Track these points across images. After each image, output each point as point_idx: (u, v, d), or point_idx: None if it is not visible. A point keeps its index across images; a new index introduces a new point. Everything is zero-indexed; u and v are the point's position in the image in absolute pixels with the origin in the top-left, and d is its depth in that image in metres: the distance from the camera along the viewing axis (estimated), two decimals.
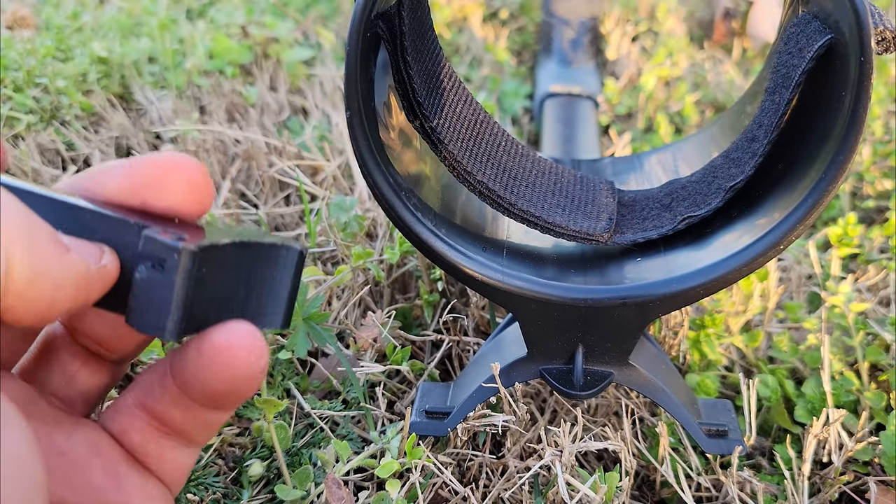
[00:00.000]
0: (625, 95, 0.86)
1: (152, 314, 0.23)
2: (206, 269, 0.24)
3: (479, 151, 0.41)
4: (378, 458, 0.44)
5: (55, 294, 0.21)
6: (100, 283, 0.23)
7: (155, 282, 0.23)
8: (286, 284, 0.27)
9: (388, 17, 0.36)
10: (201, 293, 0.24)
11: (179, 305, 0.23)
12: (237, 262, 0.25)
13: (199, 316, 0.24)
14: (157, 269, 0.23)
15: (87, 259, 0.23)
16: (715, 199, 0.39)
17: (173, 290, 0.23)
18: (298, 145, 0.71)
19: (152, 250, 0.23)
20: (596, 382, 0.39)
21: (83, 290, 0.22)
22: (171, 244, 0.23)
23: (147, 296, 0.23)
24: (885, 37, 0.32)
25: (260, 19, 0.93)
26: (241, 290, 0.26)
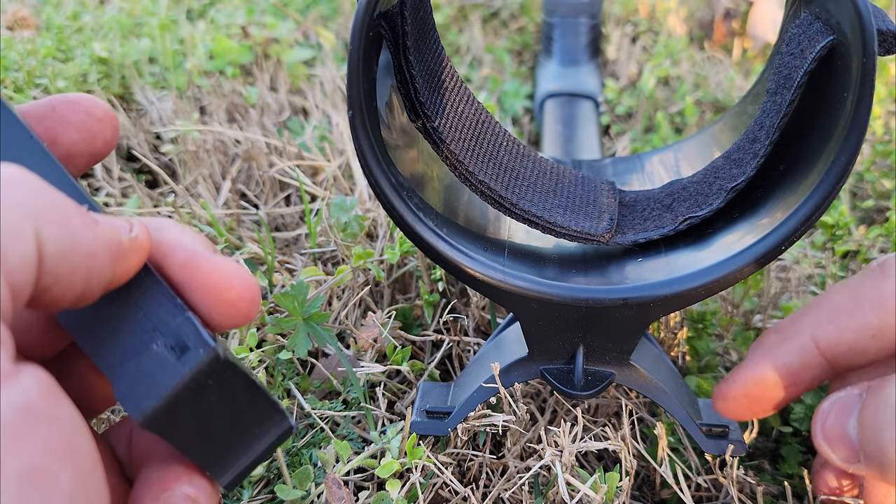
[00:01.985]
0: (625, 95, 0.86)
1: (140, 390, 0.22)
2: (212, 381, 0.23)
3: (480, 151, 0.41)
4: (378, 459, 0.44)
5: (90, 266, 0.21)
6: (135, 255, 0.23)
7: (164, 363, 0.22)
8: (258, 448, 0.26)
9: (391, 17, 0.36)
10: (191, 400, 0.23)
11: (168, 399, 0.22)
12: (237, 395, 0.24)
13: (174, 420, 0.23)
14: (174, 352, 0.22)
15: (117, 229, 0.22)
16: (716, 199, 0.39)
17: (176, 380, 0.22)
18: (299, 145, 0.71)
19: (183, 333, 0.22)
20: (596, 382, 0.40)
21: (119, 262, 0.22)
22: (206, 338, 0.22)
23: (146, 370, 0.22)
24: (886, 38, 0.32)
25: (260, 20, 0.93)
26: (221, 424, 0.24)
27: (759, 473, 0.47)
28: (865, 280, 0.35)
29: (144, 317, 0.23)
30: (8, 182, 0.20)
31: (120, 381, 0.22)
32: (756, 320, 0.55)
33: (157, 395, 0.22)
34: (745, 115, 0.44)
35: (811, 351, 0.35)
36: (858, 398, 0.33)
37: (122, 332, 0.23)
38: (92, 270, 0.21)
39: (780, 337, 0.37)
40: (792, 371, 0.36)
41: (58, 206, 0.21)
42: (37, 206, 0.20)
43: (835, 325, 0.35)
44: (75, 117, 0.26)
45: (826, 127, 0.34)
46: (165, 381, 0.22)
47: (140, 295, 0.23)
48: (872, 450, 0.30)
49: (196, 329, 0.22)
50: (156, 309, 0.23)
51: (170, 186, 0.65)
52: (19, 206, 0.20)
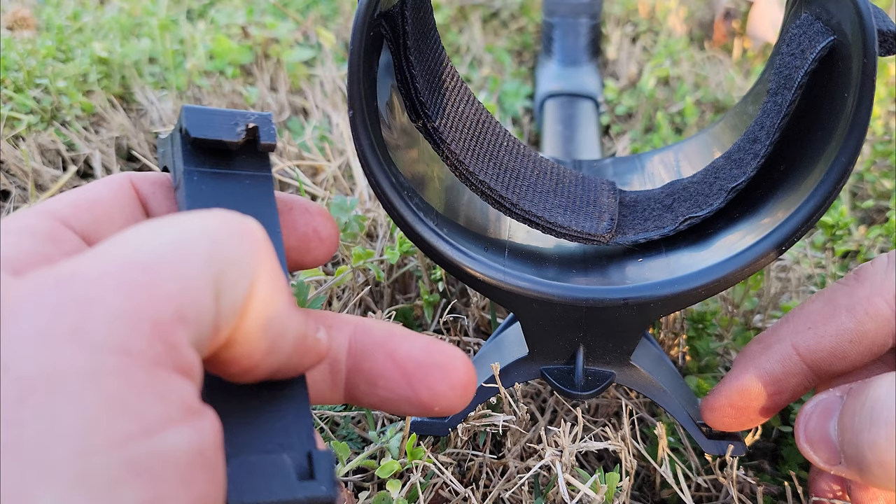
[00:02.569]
0: (625, 95, 0.86)
1: (250, 483, 0.21)
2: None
3: (481, 151, 0.41)
4: (378, 459, 0.44)
5: (277, 342, 0.21)
6: (312, 357, 0.23)
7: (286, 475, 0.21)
8: None
9: (392, 17, 0.36)
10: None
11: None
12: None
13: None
14: (298, 473, 0.21)
15: (308, 322, 0.22)
16: (717, 199, 0.39)
17: (287, 497, 0.21)
18: (299, 146, 0.71)
19: (316, 462, 0.22)
20: (597, 382, 0.40)
21: (298, 354, 0.22)
22: (335, 481, 0.22)
23: (266, 470, 0.21)
24: (887, 38, 0.32)
25: (260, 20, 0.93)
26: None
27: (758, 473, 0.47)
28: (841, 287, 0.36)
29: (284, 427, 0.23)
30: (248, 227, 0.21)
31: (236, 464, 0.21)
32: (756, 320, 0.55)
33: (262, 499, 0.21)
34: (746, 115, 0.44)
35: (792, 358, 0.36)
36: (840, 400, 0.33)
37: (257, 427, 0.23)
38: (275, 347, 0.21)
39: (762, 346, 0.37)
40: (775, 379, 0.36)
41: (276, 273, 0.21)
42: (263, 263, 0.20)
43: (813, 331, 0.35)
44: (304, 229, 0.27)
45: (826, 127, 0.34)
46: (278, 491, 0.21)
47: (284, 398, 0.23)
48: (851, 452, 0.30)
49: (331, 467, 0.22)
50: (295, 421, 0.23)
51: None
52: (248, 252, 0.20)
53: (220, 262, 0.19)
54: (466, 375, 0.26)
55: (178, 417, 0.18)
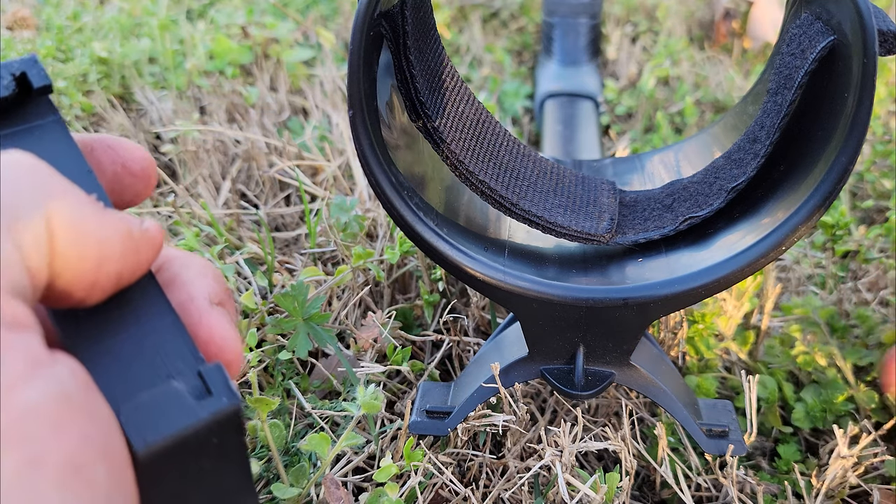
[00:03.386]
0: (625, 95, 0.86)
1: (150, 421, 0.20)
2: (216, 440, 0.21)
3: (481, 151, 0.41)
4: (377, 461, 0.44)
5: (101, 252, 0.20)
6: (146, 249, 0.22)
7: (182, 401, 0.21)
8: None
9: (392, 17, 0.36)
10: (191, 454, 0.21)
11: (176, 440, 0.20)
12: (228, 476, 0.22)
13: (165, 470, 0.21)
14: (194, 395, 0.21)
15: (127, 220, 0.22)
16: (717, 199, 0.39)
17: (190, 422, 0.20)
18: (299, 146, 0.71)
19: (209, 378, 0.21)
20: (597, 382, 0.40)
21: (131, 252, 0.21)
22: (234, 391, 0.21)
23: (160, 404, 0.20)
24: (887, 38, 0.32)
25: (260, 20, 0.93)
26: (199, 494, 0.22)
27: (758, 473, 0.47)
28: None
29: (156, 344, 0.22)
30: (17, 165, 0.20)
31: (129, 408, 0.20)
32: (756, 320, 0.55)
33: (167, 433, 0.20)
34: (746, 115, 0.44)
35: None
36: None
37: (130, 354, 0.22)
38: (102, 257, 0.21)
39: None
40: None
41: (67, 191, 0.20)
42: (47, 188, 0.20)
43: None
44: (110, 167, 0.26)
45: (826, 127, 0.34)
46: (180, 419, 0.20)
47: (149, 314, 0.23)
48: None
49: (225, 378, 0.21)
50: (170, 338, 0.22)
51: (170, 186, 0.65)
52: (29, 187, 0.20)
53: (5, 209, 0.19)
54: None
55: (27, 372, 0.17)
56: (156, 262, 0.24)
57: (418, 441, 0.45)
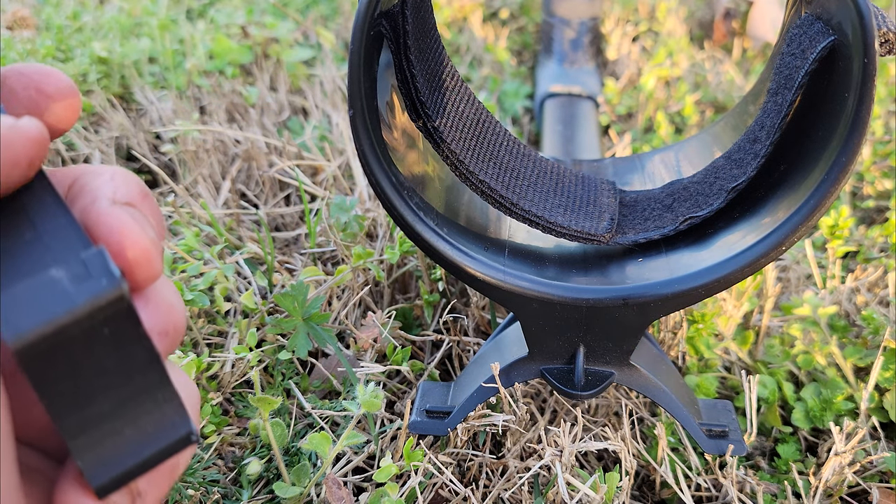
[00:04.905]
0: (625, 95, 0.86)
1: (23, 311, 0.19)
2: (108, 330, 0.20)
3: (481, 151, 0.41)
4: (377, 461, 0.44)
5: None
6: (21, 147, 0.21)
7: (58, 287, 0.19)
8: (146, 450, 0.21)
9: (392, 16, 0.36)
10: (80, 345, 0.19)
11: (54, 329, 0.19)
12: (134, 368, 0.21)
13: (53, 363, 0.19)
14: (74, 282, 0.19)
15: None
16: (717, 199, 0.39)
17: (67, 308, 0.19)
18: (299, 145, 0.71)
19: (89, 262, 0.19)
20: (597, 382, 0.40)
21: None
22: (114, 271, 0.19)
23: (36, 293, 0.19)
24: (887, 38, 0.32)
25: (260, 20, 0.93)
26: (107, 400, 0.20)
27: (758, 473, 0.47)
28: None
29: (43, 241, 0.20)
30: None
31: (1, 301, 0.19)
32: (756, 320, 0.55)
33: (41, 320, 0.18)
34: (746, 115, 0.44)
35: None
36: None
37: (13, 252, 0.20)
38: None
39: None
40: None
41: None
42: None
43: None
44: (24, 93, 0.24)
45: (827, 127, 0.34)
46: (55, 306, 0.19)
47: (41, 216, 0.21)
48: None
49: (105, 260, 0.19)
50: (59, 234, 0.21)
51: (169, 186, 0.65)
52: None
53: None
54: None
55: None
56: (68, 177, 0.23)
57: (418, 441, 0.45)
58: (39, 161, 0.22)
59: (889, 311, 0.55)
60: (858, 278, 0.59)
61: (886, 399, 0.48)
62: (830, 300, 0.57)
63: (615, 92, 0.84)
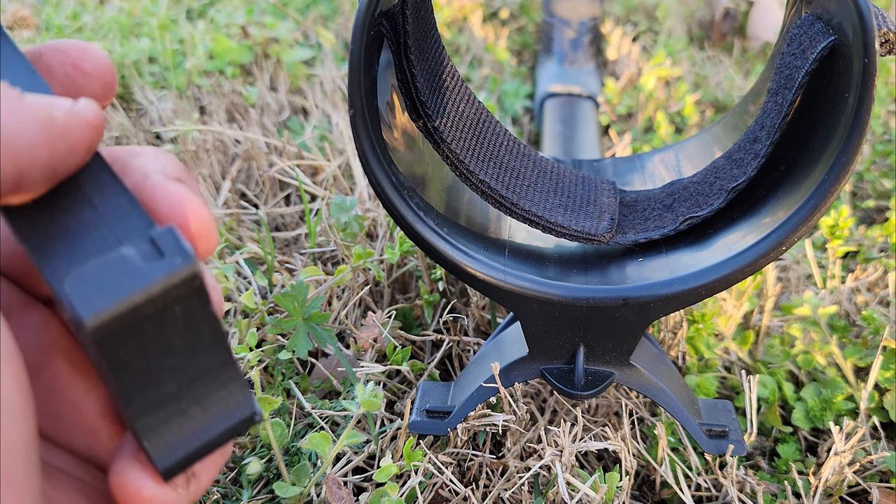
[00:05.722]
0: (625, 95, 0.86)
1: (96, 290, 0.18)
2: (179, 309, 0.19)
3: (481, 151, 0.41)
4: (377, 461, 0.44)
5: (15, 145, 0.19)
6: (77, 134, 0.20)
7: (131, 265, 0.19)
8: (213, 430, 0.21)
9: (392, 16, 0.36)
10: (151, 325, 0.19)
11: (129, 308, 0.18)
12: (202, 348, 0.20)
13: (124, 344, 0.19)
14: (146, 259, 0.19)
15: (47, 104, 0.20)
16: (717, 199, 0.39)
17: (142, 286, 0.18)
18: (299, 145, 0.71)
19: (160, 240, 0.19)
20: (597, 382, 0.40)
21: (57, 141, 0.20)
22: (187, 248, 0.19)
23: (108, 272, 0.19)
24: (888, 38, 0.32)
25: (260, 20, 0.93)
26: (175, 381, 0.20)
27: (758, 472, 0.47)
28: None
29: (105, 220, 0.20)
30: None
31: (71, 280, 0.18)
32: (756, 320, 0.55)
33: (117, 299, 0.18)
34: (747, 114, 0.44)
35: None
36: None
37: (76, 232, 0.20)
38: (20, 150, 0.19)
39: None
40: None
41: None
42: None
43: None
44: (60, 69, 0.23)
45: (827, 127, 0.34)
46: (129, 284, 0.18)
47: (100, 195, 0.21)
48: None
49: (177, 238, 0.19)
50: (120, 213, 0.20)
51: None
52: None
53: None
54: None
55: None
56: (106, 159, 0.23)
57: (418, 441, 0.45)
58: (97, 145, 0.21)
59: (889, 311, 0.55)
60: (858, 278, 0.58)
61: (886, 399, 0.48)
62: (830, 300, 0.57)
63: (615, 92, 0.84)
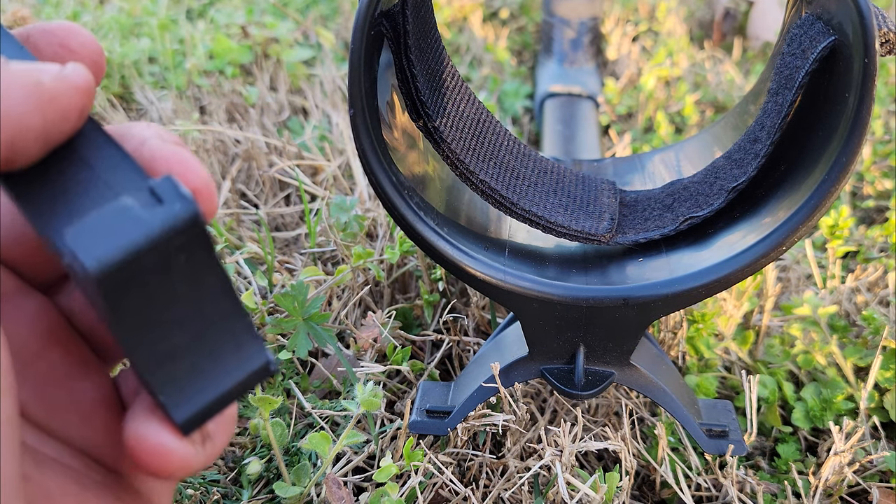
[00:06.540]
0: (625, 95, 0.86)
1: (98, 240, 0.18)
2: (184, 258, 0.19)
3: (481, 151, 0.41)
4: (377, 461, 0.44)
5: (5, 113, 0.18)
6: (67, 98, 0.20)
7: (131, 214, 0.18)
8: (226, 382, 0.21)
9: (392, 16, 0.36)
10: (155, 274, 0.19)
11: (132, 256, 0.18)
12: (209, 298, 0.20)
13: (130, 295, 0.19)
14: (146, 207, 0.19)
15: (34, 71, 0.20)
16: (717, 199, 0.39)
17: (144, 233, 0.18)
18: (299, 145, 0.71)
19: (159, 189, 0.19)
20: (597, 382, 0.40)
21: (47, 107, 0.19)
22: (186, 194, 0.19)
23: (107, 222, 0.18)
24: (888, 38, 0.32)
25: (260, 19, 0.93)
26: (184, 332, 0.20)
27: (758, 472, 0.47)
28: None
29: (102, 178, 0.20)
30: None
31: (72, 232, 0.18)
32: (756, 320, 0.55)
33: (120, 246, 0.18)
34: (747, 114, 0.44)
35: None
36: None
37: (73, 191, 0.20)
38: (10, 118, 0.19)
39: None
40: None
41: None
42: None
43: None
44: (48, 49, 0.23)
45: (827, 127, 0.34)
46: (131, 231, 0.18)
47: (94, 155, 0.21)
48: None
49: (175, 185, 0.19)
50: (116, 170, 0.20)
51: None
52: None
53: None
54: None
55: None
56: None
57: (418, 441, 0.45)
58: (89, 109, 0.21)
59: (889, 311, 0.55)
60: (858, 278, 0.58)
61: (886, 399, 0.48)
62: (830, 300, 0.57)
63: (615, 92, 0.84)
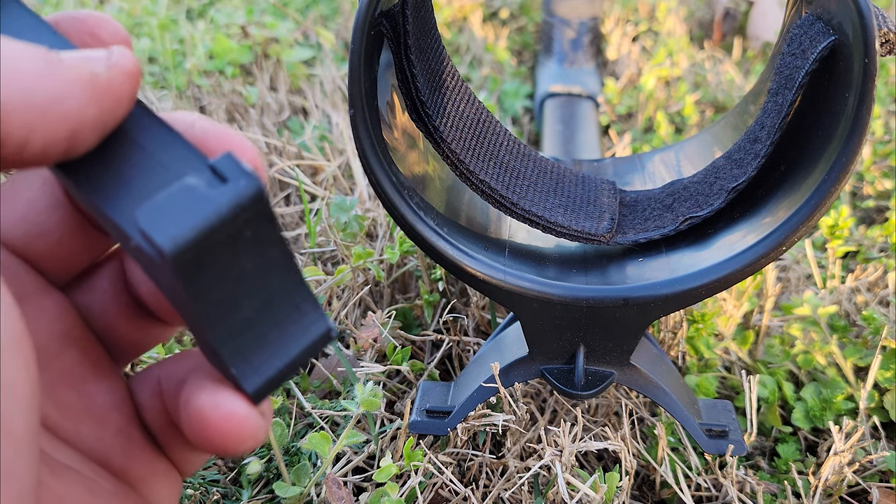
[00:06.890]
0: (625, 95, 0.86)
1: (169, 220, 0.18)
2: (250, 232, 0.19)
3: (481, 151, 0.41)
4: (377, 461, 0.44)
5: (64, 108, 0.19)
6: (120, 86, 0.20)
7: (198, 193, 0.19)
8: (292, 351, 0.21)
9: (392, 16, 0.36)
10: (225, 251, 0.19)
11: (203, 234, 0.18)
12: (273, 270, 0.21)
13: (203, 274, 0.19)
14: (210, 186, 0.19)
15: (88, 62, 0.20)
16: (717, 199, 0.39)
17: (213, 210, 0.19)
18: (299, 145, 0.71)
19: (221, 167, 0.19)
20: (597, 382, 0.40)
21: (103, 97, 0.20)
22: (249, 170, 0.19)
23: (176, 202, 0.19)
24: (888, 38, 0.32)
25: (260, 19, 0.93)
26: (251, 305, 0.21)
27: (758, 472, 0.47)
28: None
29: (157, 160, 0.20)
30: None
31: (143, 213, 0.18)
32: (756, 320, 0.55)
33: (192, 225, 0.18)
34: (747, 114, 0.44)
35: None
36: None
37: (130, 175, 0.20)
38: (69, 112, 0.19)
39: None
40: None
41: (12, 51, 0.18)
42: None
43: None
44: (77, 37, 0.23)
45: (827, 127, 0.34)
46: (201, 210, 0.18)
47: (146, 137, 0.21)
48: None
49: (236, 162, 0.19)
50: (171, 152, 0.20)
51: None
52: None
53: None
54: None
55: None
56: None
57: (418, 441, 0.45)
58: (137, 92, 0.21)
59: (889, 311, 0.55)
60: (858, 278, 0.58)
61: (886, 399, 0.48)
62: (830, 300, 0.57)
63: (615, 92, 0.84)
